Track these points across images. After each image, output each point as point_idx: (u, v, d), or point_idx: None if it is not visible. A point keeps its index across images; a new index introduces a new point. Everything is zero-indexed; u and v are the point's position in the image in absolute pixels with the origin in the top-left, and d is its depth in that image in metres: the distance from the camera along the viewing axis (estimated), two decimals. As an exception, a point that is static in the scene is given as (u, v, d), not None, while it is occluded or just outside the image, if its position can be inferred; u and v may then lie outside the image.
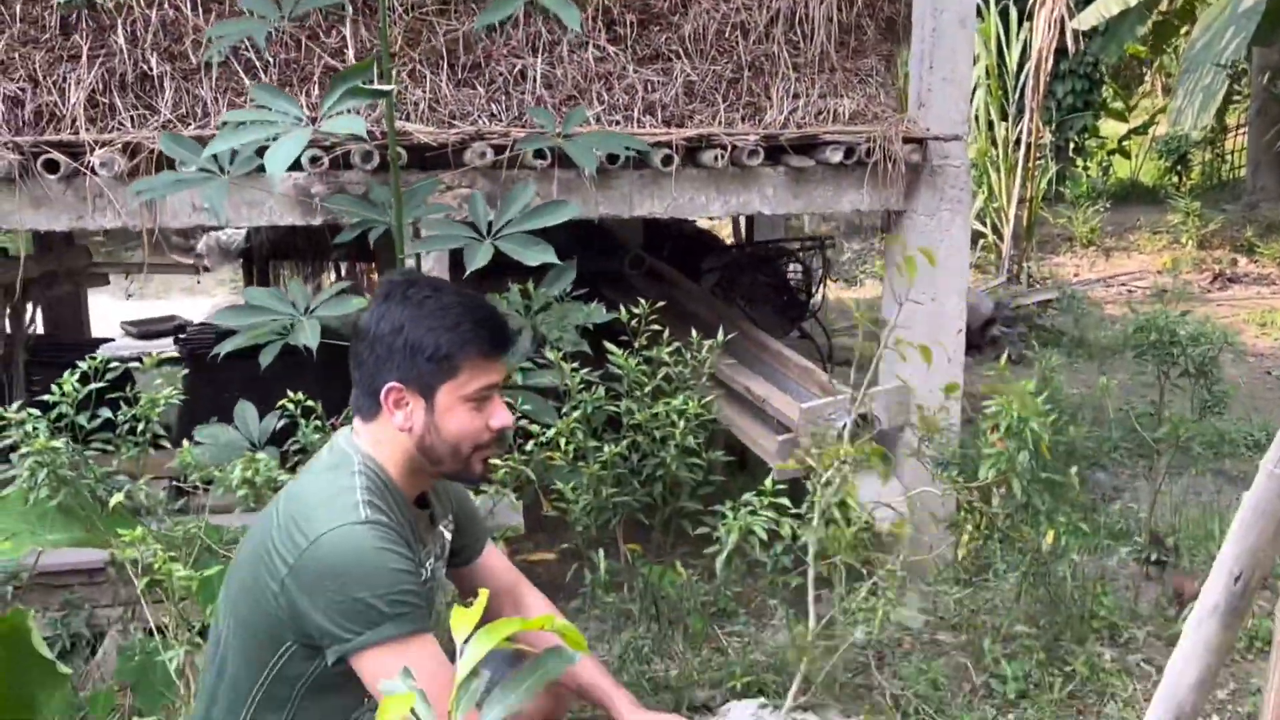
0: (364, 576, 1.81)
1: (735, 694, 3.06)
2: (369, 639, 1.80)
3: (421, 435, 1.95)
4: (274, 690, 1.93)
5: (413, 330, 1.92)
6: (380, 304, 1.97)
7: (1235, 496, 4.85)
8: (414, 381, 1.93)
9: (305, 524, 1.85)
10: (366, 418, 1.99)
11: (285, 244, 7.25)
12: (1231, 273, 11.22)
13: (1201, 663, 2.14)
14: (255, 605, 1.90)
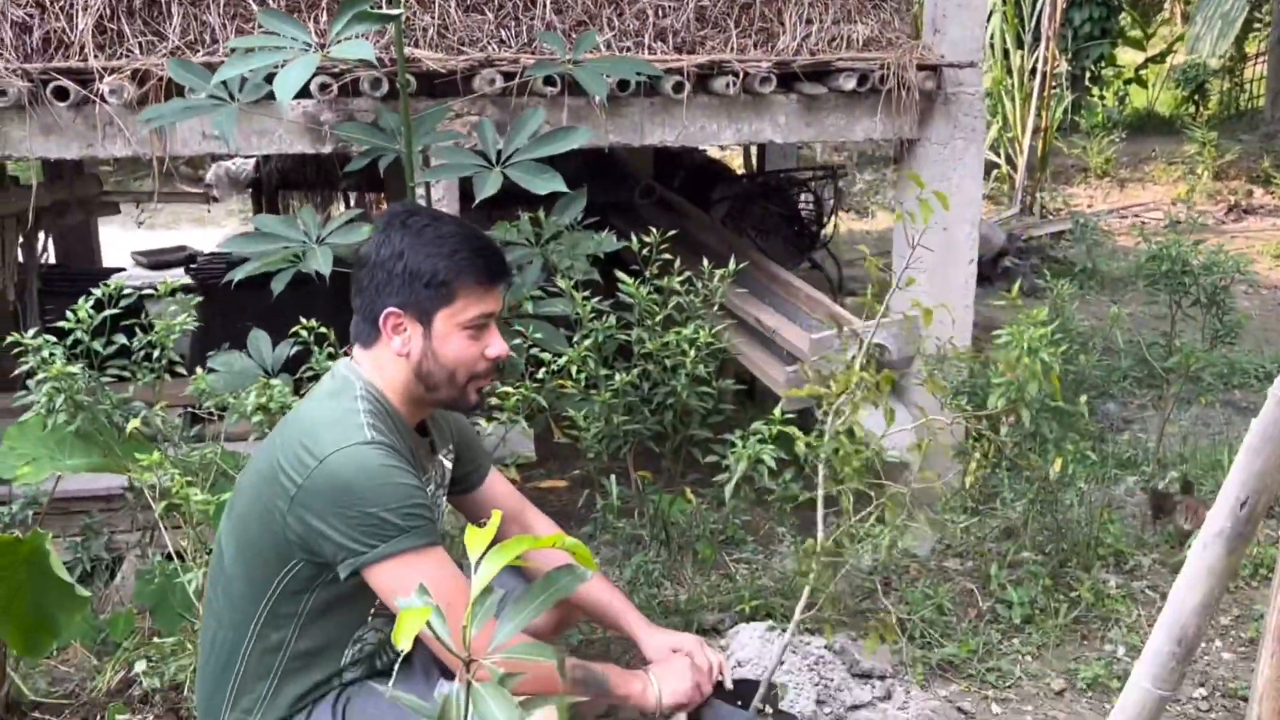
0: (374, 492, 1.85)
1: (744, 617, 3.11)
2: (383, 551, 1.85)
3: (419, 361, 1.99)
4: (279, 609, 1.97)
5: (411, 257, 1.96)
6: (381, 232, 2.02)
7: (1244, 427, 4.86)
8: (412, 307, 1.97)
9: (312, 445, 1.89)
10: (366, 343, 2.03)
11: (294, 174, 7.23)
12: (1247, 204, 11.11)
13: (1205, 587, 2.16)
14: (262, 526, 1.94)
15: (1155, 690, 2.28)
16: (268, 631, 1.98)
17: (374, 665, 2.09)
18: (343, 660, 2.04)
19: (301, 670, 2.01)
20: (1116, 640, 3.11)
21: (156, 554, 3.10)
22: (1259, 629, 3.11)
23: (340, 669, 2.04)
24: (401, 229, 1.99)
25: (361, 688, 2.05)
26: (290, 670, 2.00)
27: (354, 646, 2.05)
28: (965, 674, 2.98)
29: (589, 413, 3.03)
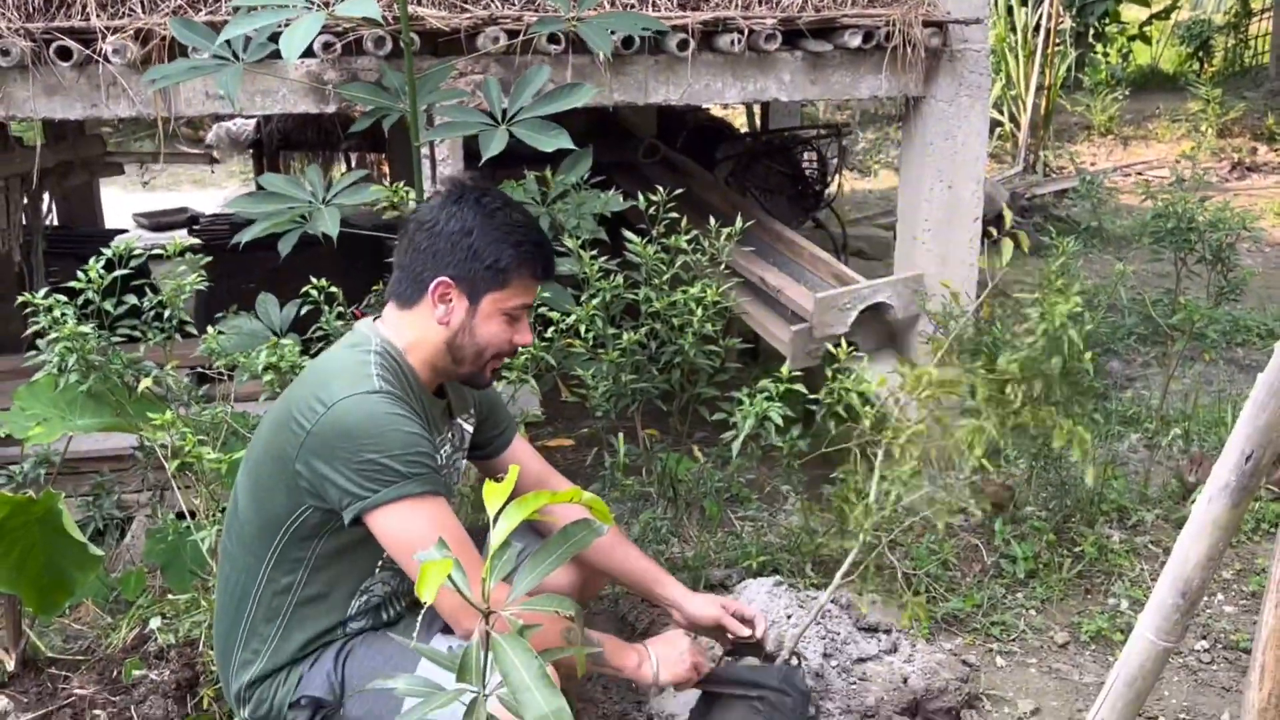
0: (378, 438, 1.90)
1: (751, 573, 3.14)
2: (385, 495, 1.90)
3: (456, 332, 2.05)
4: (288, 553, 2.03)
5: (481, 236, 2.02)
6: (451, 203, 2.06)
7: (1246, 384, 4.88)
8: (465, 282, 2.03)
9: (322, 392, 1.95)
10: (405, 303, 2.08)
11: (295, 135, 7.20)
12: (1251, 161, 11.07)
13: (1209, 540, 2.19)
14: (275, 472, 2.00)
15: (1159, 642, 2.31)
16: (277, 575, 2.04)
17: (380, 617, 2.14)
18: (349, 610, 2.09)
19: (308, 616, 2.06)
20: (1120, 594, 3.15)
21: (168, 513, 3.13)
22: (1260, 583, 3.15)
23: (345, 619, 2.09)
24: (475, 206, 2.04)
25: (363, 640, 2.10)
26: (297, 615, 2.06)
27: (361, 597, 2.10)
28: (970, 628, 3.02)
29: (596, 371, 3.04)
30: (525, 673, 1.45)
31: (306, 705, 2.04)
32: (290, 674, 2.07)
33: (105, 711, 2.54)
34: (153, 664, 2.69)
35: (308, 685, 2.05)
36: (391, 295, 2.10)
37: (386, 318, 2.10)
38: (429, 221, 2.05)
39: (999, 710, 2.72)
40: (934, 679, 2.68)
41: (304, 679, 2.06)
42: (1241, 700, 1.85)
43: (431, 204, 2.10)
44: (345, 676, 2.05)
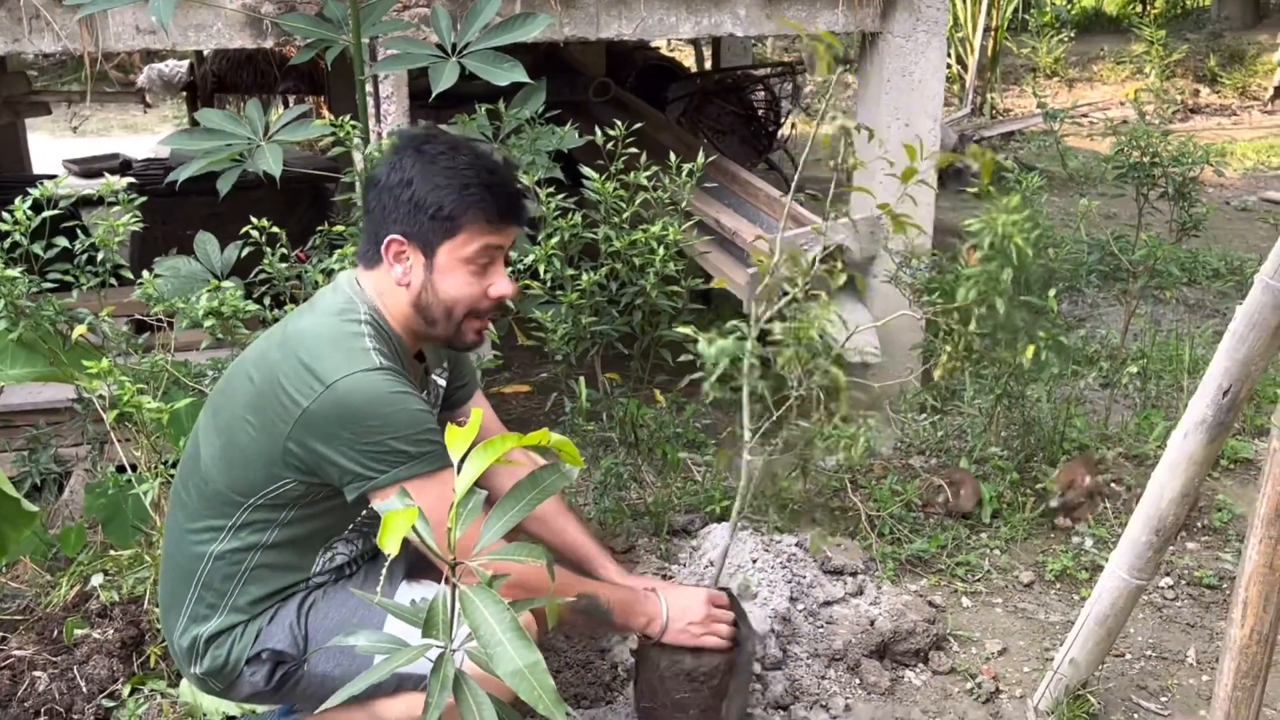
0: (387, 420, 1.81)
1: (713, 517, 3.09)
2: (394, 476, 1.81)
3: (419, 292, 1.93)
4: (257, 515, 1.93)
5: (420, 185, 1.89)
6: (394, 154, 1.94)
7: (1197, 323, 4.91)
8: (415, 237, 1.91)
9: (318, 367, 1.83)
10: (368, 265, 1.97)
11: (231, 76, 6.99)
12: (1193, 103, 11.15)
13: (1185, 476, 2.16)
14: (256, 439, 1.88)
15: (1132, 579, 2.30)
16: (243, 534, 1.94)
17: (343, 574, 2.06)
18: (313, 569, 2.01)
19: (270, 574, 1.97)
20: (1083, 533, 3.14)
21: (108, 466, 3.01)
22: (1223, 519, 3.16)
23: (308, 576, 2.01)
24: (415, 155, 1.91)
25: (326, 592, 2.01)
26: (258, 573, 1.96)
27: (325, 555, 2.01)
28: (935, 569, 2.99)
29: (555, 314, 2.95)
30: (496, 625, 1.37)
31: (268, 659, 1.95)
32: (248, 628, 1.97)
33: (46, 672, 2.43)
34: (95, 622, 2.58)
35: (268, 639, 1.96)
36: (359, 259, 2.00)
37: (363, 280, 1.98)
38: (376, 178, 1.94)
39: (966, 651, 2.70)
40: (901, 621, 2.65)
41: (263, 633, 1.97)
42: (1224, 637, 1.82)
43: (384, 161, 1.98)
44: (309, 629, 1.97)
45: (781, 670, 2.52)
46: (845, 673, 2.57)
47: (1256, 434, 3.74)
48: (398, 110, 3.67)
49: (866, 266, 4.38)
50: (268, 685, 1.96)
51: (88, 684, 2.40)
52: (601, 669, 2.53)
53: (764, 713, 2.40)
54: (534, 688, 1.31)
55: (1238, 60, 11.94)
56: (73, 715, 2.35)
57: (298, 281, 2.90)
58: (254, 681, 1.97)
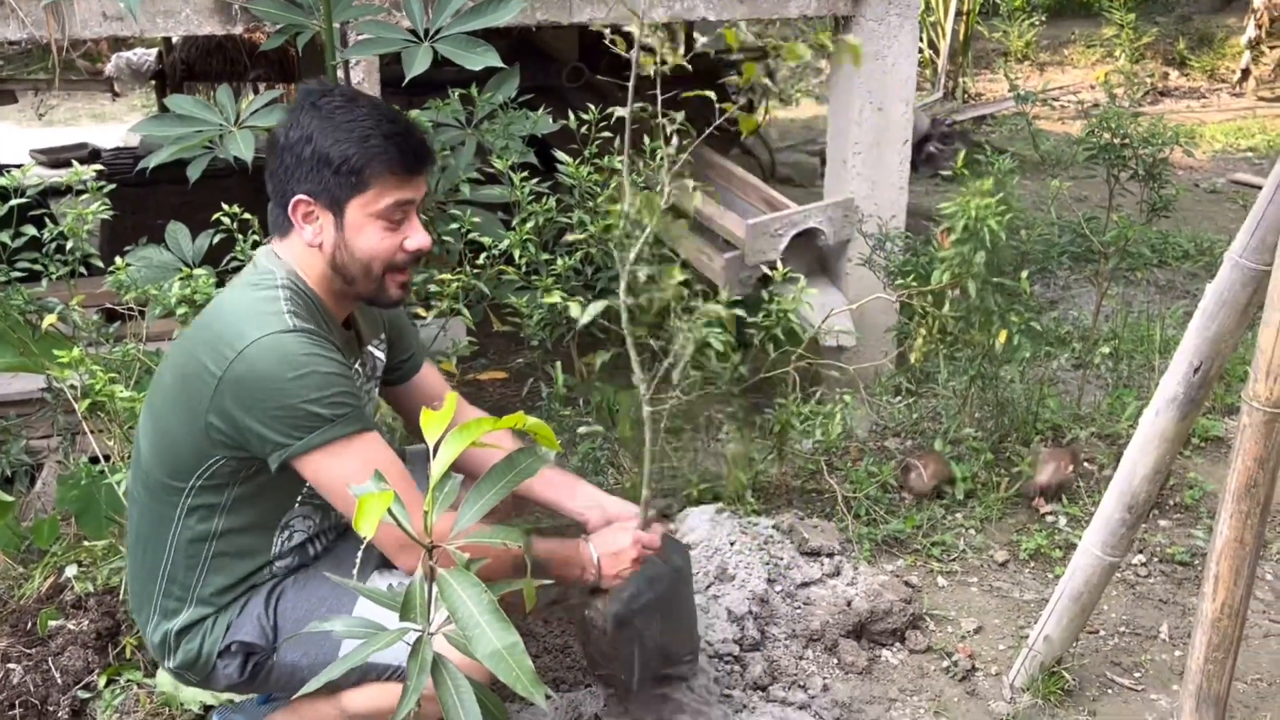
0: (296, 383, 1.76)
1: (691, 501, 3.09)
2: (311, 442, 1.78)
3: (332, 252, 1.89)
4: (201, 500, 1.90)
5: (321, 141, 1.83)
6: (291, 112, 1.89)
7: (1167, 304, 4.95)
8: (323, 195, 1.86)
9: (231, 336, 1.80)
10: (281, 233, 1.92)
11: (200, 64, 6.92)
12: (1163, 86, 11.22)
13: (1156, 453, 2.19)
14: (182, 421, 1.86)
15: (1105, 556, 2.32)
16: (191, 522, 1.92)
17: (307, 554, 2.04)
18: (272, 550, 1.98)
19: (230, 560, 1.95)
20: (1058, 511, 3.16)
21: (80, 457, 2.98)
22: (1194, 496, 3.19)
23: (271, 559, 1.99)
24: (313, 110, 1.85)
25: (294, 580, 2.00)
26: (218, 561, 1.94)
27: (283, 533, 1.98)
28: (911, 549, 3.01)
29: (530, 299, 2.94)
30: (474, 607, 1.37)
31: (237, 652, 1.94)
32: (217, 621, 1.96)
33: (20, 664, 2.41)
34: (70, 614, 2.57)
35: (237, 631, 1.95)
36: (271, 228, 1.94)
37: (278, 249, 1.93)
38: (275, 139, 1.88)
39: (942, 630, 2.72)
40: (878, 601, 2.67)
41: (233, 625, 1.95)
42: (1196, 611, 1.84)
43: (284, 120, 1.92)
44: (277, 619, 1.95)
45: (759, 651, 2.53)
46: (823, 653, 2.58)
47: (1227, 412, 3.78)
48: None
49: (840, 250, 4.39)
50: (241, 676, 1.95)
51: (63, 675, 2.39)
52: (580, 653, 2.54)
53: (743, 694, 2.41)
54: (513, 669, 1.32)
55: (1206, 43, 12.02)
56: (48, 707, 2.33)
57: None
58: (228, 674, 1.96)
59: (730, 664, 2.47)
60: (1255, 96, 10.95)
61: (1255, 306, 1.90)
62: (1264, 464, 1.71)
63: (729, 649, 2.49)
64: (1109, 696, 2.48)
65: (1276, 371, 1.66)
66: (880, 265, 3.60)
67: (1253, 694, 2.49)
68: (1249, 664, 2.58)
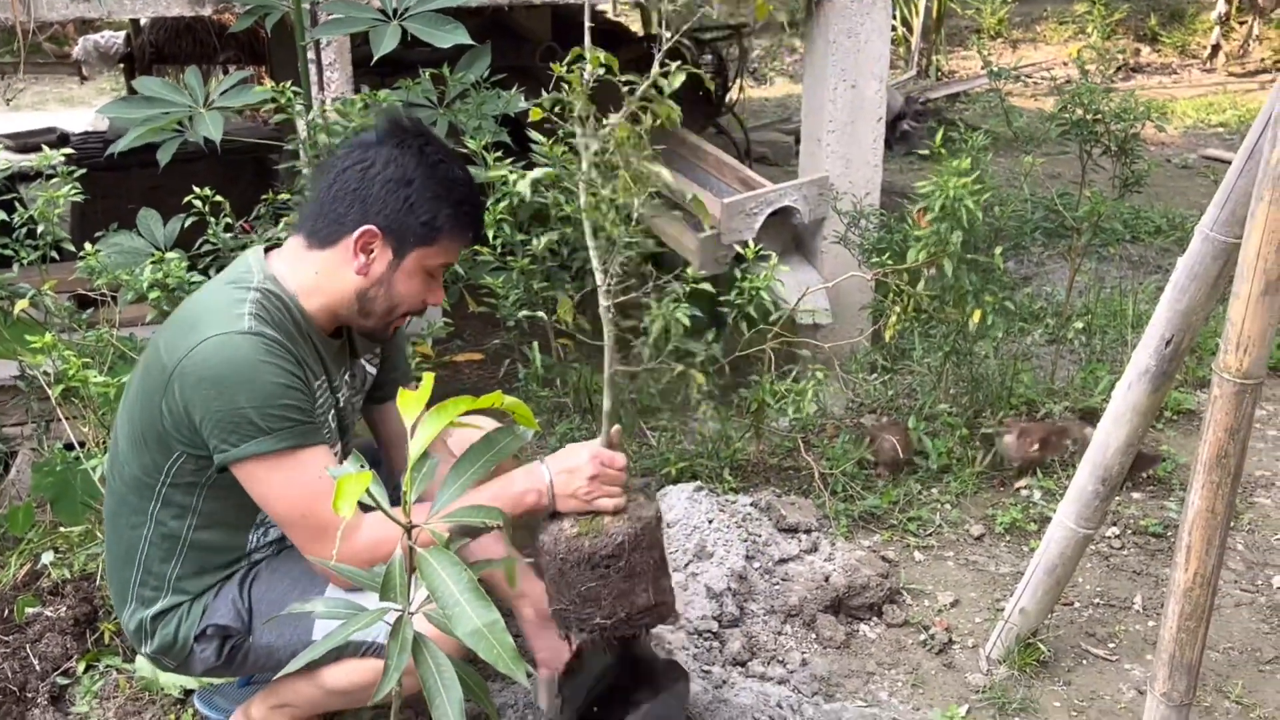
0: (239, 385, 1.75)
1: (670, 479, 3.10)
2: (246, 451, 1.76)
3: (370, 285, 1.90)
4: (172, 498, 1.90)
5: (421, 189, 1.87)
6: (392, 145, 1.88)
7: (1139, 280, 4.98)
8: (393, 234, 1.87)
9: (190, 330, 1.79)
10: (318, 243, 1.89)
11: (169, 46, 6.84)
12: (1135, 62, 11.26)
13: (1129, 426, 2.21)
14: (146, 416, 1.85)
15: (1079, 529, 2.34)
16: (165, 518, 1.92)
17: (283, 546, 2.01)
18: (248, 545, 1.98)
19: (204, 554, 1.95)
20: (1032, 485, 3.19)
21: (55, 444, 2.96)
22: (1166, 469, 3.22)
23: (246, 553, 1.99)
24: (418, 155, 1.88)
25: (268, 564, 1.99)
26: (192, 554, 1.95)
27: (258, 531, 1.98)
28: (887, 524, 3.03)
29: (506, 280, 2.94)
30: (454, 586, 1.38)
31: (213, 635, 1.94)
32: (193, 606, 1.96)
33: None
34: (47, 600, 2.55)
35: (213, 615, 1.95)
36: (302, 230, 1.91)
37: (287, 252, 1.92)
38: (362, 161, 1.87)
39: (919, 603, 2.74)
40: (855, 576, 2.69)
41: (208, 609, 1.96)
42: (1168, 580, 1.87)
43: (363, 140, 1.92)
44: (252, 602, 1.96)
45: (738, 627, 2.55)
46: (801, 628, 2.60)
47: (1199, 385, 3.82)
48: (341, 77, 3.62)
49: (815, 228, 4.40)
50: (219, 660, 1.96)
51: (41, 662, 2.38)
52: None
53: (722, 669, 2.42)
54: (493, 646, 1.32)
55: (1178, 19, 12.07)
56: (27, 694, 2.33)
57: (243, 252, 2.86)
58: (205, 657, 1.97)
59: (709, 640, 2.48)
60: (1226, 72, 11.01)
61: (1226, 280, 1.92)
62: (1234, 435, 1.73)
63: (708, 625, 2.50)
64: (1084, 667, 2.51)
65: (1246, 343, 1.67)
66: (855, 243, 3.61)
67: (1224, 662, 2.52)
68: (1221, 633, 2.61)
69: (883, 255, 3.35)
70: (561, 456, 1.91)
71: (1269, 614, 2.69)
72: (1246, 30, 11.27)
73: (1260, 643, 2.58)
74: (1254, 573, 2.85)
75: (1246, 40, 11.26)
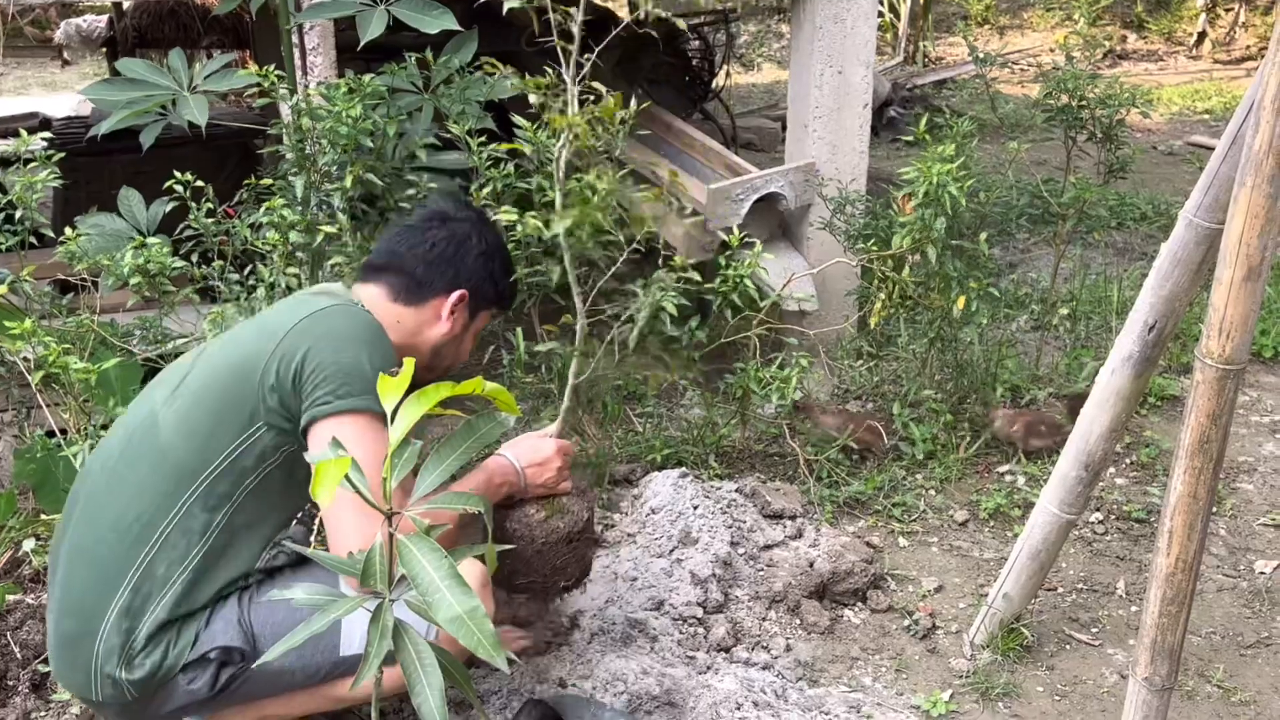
0: (365, 344, 1.87)
1: (655, 466, 3.10)
2: (354, 404, 1.81)
3: (445, 341, 2.09)
4: (217, 486, 1.85)
5: (497, 263, 2.14)
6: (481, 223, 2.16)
7: (1125, 266, 5.00)
8: (475, 298, 2.10)
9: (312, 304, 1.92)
10: (407, 299, 2.05)
11: (152, 30, 6.80)
12: (1121, 49, 11.28)
13: (1113, 411, 2.21)
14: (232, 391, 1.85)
15: (1062, 514, 2.35)
16: (196, 510, 1.84)
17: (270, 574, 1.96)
18: (259, 561, 1.93)
19: (217, 564, 1.87)
20: (1016, 471, 3.20)
21: (36, 430, 2.94)
22: (1150, 454, 3.23)
23: (250, 570, 1.92)
24: (491, 231, 2.17)
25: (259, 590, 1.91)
26: (204, 564, 1.86)
27: (271, 550, 1.94)
28: (872, 510, 3.04)
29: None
30: (434, 572, 1.37)
31: (216, 658, 1.84)
32: (184, 630, 1.85)
33: (-21, 640, 2.40)
34: (28, 588, 2.54)
35: (212, 639, 1.85)
36: (389, 285, 2.05)
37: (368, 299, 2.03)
38: (459, 235, 2.09)
39: (904, 589, 2.75)
40: (840, 562, 2.69)
41: (203, 635, 1.85)
42: (1151, 565, 1.87)
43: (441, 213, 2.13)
44: (253, 626, 1.87)
45: (723, 613, 2.55)
46: (786, 614, 2.60)
47: (1183, 371, 3.83)
48: (325, 62, 3.59)
49: (801, 215, 4.39)
50: (211, 690, 1.84)
51: (22, 650, 2.36)
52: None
53: (706, 655, 2.42)
54: (474, 633, 1.31)
55: (1164, 6, 12.09)
56: (8, 681, 2.32)
57: (225, 237, 2.85)
58: (192, 689, 1.84)
59: (694, 626, 2.48)
60: (1211, 59, 11.04)
61: (1209, 265, 1.92)
62: (1217, 420, 1.73)
63: (692, 611, 2.50)
64: (1067, 652, 2.52)
65: (1229, 328, 1.67)
66: (841, 229, 3.61)
67: (1206, 646, 2.53)
68: (1203, 617, 2.62)
69: (868, 241, 3.35)
70: (526, 451, 2.14)
71: (1250, 599, 2.70)
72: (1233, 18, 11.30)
73: (1242, 627, 2.60)
74: (1236, 558, 2.86)
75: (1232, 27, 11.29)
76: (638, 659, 2.27)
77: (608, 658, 2.26)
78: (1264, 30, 11.15)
